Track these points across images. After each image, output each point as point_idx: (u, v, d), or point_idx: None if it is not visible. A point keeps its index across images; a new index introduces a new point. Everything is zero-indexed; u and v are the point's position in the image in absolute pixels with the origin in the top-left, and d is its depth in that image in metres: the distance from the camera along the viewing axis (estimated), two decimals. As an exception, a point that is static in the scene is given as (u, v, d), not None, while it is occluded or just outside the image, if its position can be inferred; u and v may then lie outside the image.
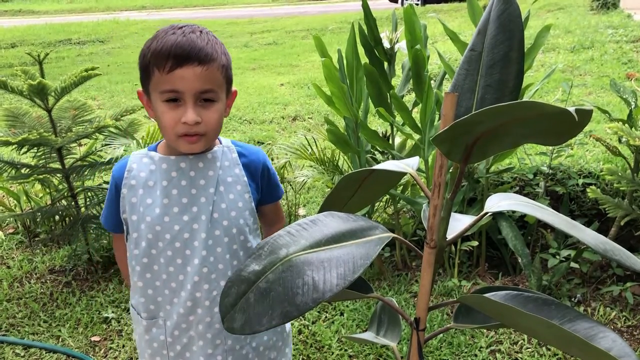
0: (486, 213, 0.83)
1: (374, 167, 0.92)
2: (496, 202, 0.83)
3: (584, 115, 0.57)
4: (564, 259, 2.44)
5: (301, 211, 3.25)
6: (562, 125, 0.62)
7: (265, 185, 1.30)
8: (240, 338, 1.28)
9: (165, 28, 1.14)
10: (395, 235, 0.85)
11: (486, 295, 0.80)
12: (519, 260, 2.43)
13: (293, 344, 2.26)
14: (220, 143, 1.26)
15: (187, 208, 1.19)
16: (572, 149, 3.17)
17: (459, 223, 0.94)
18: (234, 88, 1.22)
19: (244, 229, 1.24)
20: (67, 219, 2.93)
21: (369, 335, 1.20)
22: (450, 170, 0.84)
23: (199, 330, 1.25)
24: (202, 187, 1.20)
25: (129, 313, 2.52)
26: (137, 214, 1.20)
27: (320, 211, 0.94)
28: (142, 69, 1.14)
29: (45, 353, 2.29)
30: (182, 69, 1.07)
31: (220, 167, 1.22)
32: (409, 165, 0.91)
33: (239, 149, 1.27)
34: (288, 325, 1.42)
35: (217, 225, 1.20)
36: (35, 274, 2.88)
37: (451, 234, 0.89)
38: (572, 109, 0.55)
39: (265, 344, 1.32)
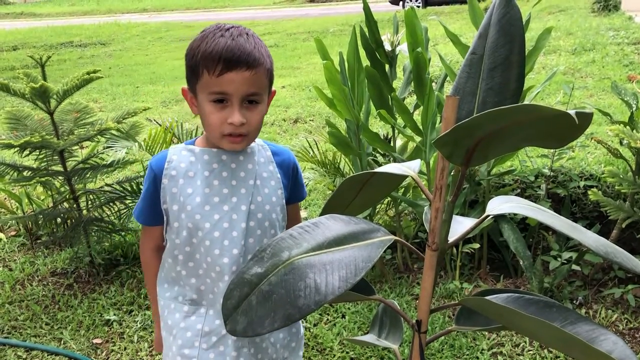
0: (488, 216, 0.84)
1: (376, 170, 0.93)
2: (498, 205, 0.84)
3: (585, 119, 0.57)
4: (565, 262, 2.44)
5: (303, 213, 3.25)
6: (562, 128, 0.62)
7: (292, 184, 1.34)
8: None
9: (211, 29, 1.16)
10: (397, 238, 0.85)
11: (488, 297, 0.80)
12: (521, 263, 2.43)
13: (294, 346, 2.26)
14: (254, 141, 1.29)
15: (228, 198, 1.22)
16: (573, 151, 3.17)
17: (461, 226, 0.94)
18: (273, 88, 1.25)
19: (275, 223, 1.27)
20: (69, 221, 2.94)
21: (370, 338, 1.20)
22: (452, 173, 0.84)
23: None
24: (242, 178, 1.23)
25: (131, 315, 2.52)
26: (178, 203, 1.22)
27: (322, 214, 0.94)
28: (190, 68, 1.16)
29: (47, 355, 2.29)
30: (232, 73, 1.11)
31: (257, 162, 1.26)
32: (411, 168, 0.91)
33: (271, 147, 1.32)
34: (302, 329, 1.43)
35: (253, 217, 1.23)
36: (37, 276, 2.88)
37: (453, 236, 0.89)
38: (572, 112, 0.56)
39: (280, 341, 1.34)
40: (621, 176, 2.29)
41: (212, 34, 1.14)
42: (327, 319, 2.43)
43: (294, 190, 1.35)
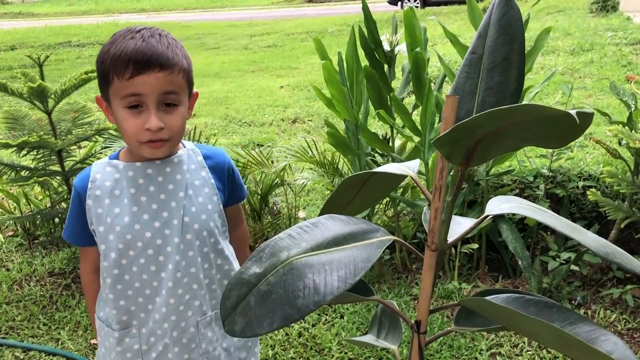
0: (487, 216, 0.83)
1: (375, 170, 0.92)
2: (497, 205, 0.83)
3: (585, 119, 0.57)
4: (564, 262, 2.44)
5: (301, 214, 3.25)
6: (563, 128, 0.62)
7: (230, 187, 1.29)
8: (212, 340, 1.27)
9: (122, 32, 1.12)
10: (396, 238, 0.85)
11: (487, 298, 0.80)
12: (519, 263, 2.43)
13: (293, 347, 2.26)
14: (184, 147, 1.25)
15: (158, 214, 1.17)
16: (572, 151, 3.17)
17: (460, 226, 0.94)
18: (195, 90, 1.20)
19: (214, 232, 1.23)
20: (66, 221, 2.93)
21: (369, 338, 1.20)
22: (451, 173, 0.84)
23: (174, 337, 1.23)
24: (171, 191, 1.19)
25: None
26: (104, 224, 1.17)
27: (321, 214, 0.94)
28: (101, 75, 1.11)
29: (45, 356, 2.28)
30: (144, 75, 1.06)
31: (187, 170, 1.21)
32: (410, 168, 0.91)
33: (203, 151, 1.27)
34: None
35: (189, 229, 1.19)
36: (35, 276, 2.88)
37: (452, 236, 0.89)
38: (573, 112, 0.55)
39: (235, 344, 1.31)
40: (620, 176, 2.29)
41: (121, 37, 1.09)
42: (326, 319, 2.43)
43: (232, 192, 1.30)
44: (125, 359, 1.25)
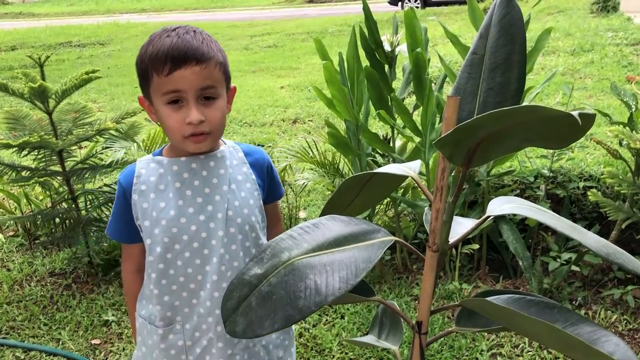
0: (488, 216, 0.83)
1: (376, 171, 0.92)
2: (498, 206, 0.83)
3: (588, 120, 0.57)
4: (564, 262, 2.44)
5: (302, 214, 3.25)
6: (565, 129, 0.62)
7: (269, 184, 1.32)
8: None
9: (158, 32, 1.14)
10: (398, 239, 0.85)
11: (489, 299, 0.80)
12: (520, 263, 2.43)
13: (294, 347, 2.26)
14: (225, 143, 1.27)
15: (203, 207, 1.19)
16: (572, 152, 3.17)
17: (461, 226, 0.94)
18: (232, 84, 1.22)
19: (255, 226, 1.25)
20: (67, 221, 2.93)
21: (370, 339, 1.20)
22: (452, 174, 0.84)
23: (218, 332, 1.24)
24: (215, 185, 1.21)
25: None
26: (150, 219, 1.19)
27: (322, 214, 0.94)
28: (141, 74, 1.15)
29: (46, 356, 2.28)
30: (181, 70, 1.09)
31: (230, 165, 1.24)
32: (411, 168, 0.91)
33: (243, 148, 1.29)
34: (292, 326, 1.42)
35: (232, 222, 1.21)
36: (36, 276, 2.88)
37: (453, 237, 0.89)
38: (575, 113, 0.55)
39: (274, 342, 1.32)
40: (620, 177, 2.29)
41: (158, 37, 1.12)
42: (326, 320, 2.43)
43: (270, 189, 1.32)
44: (169, 355, 1.25)
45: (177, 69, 1.08)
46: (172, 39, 1.10)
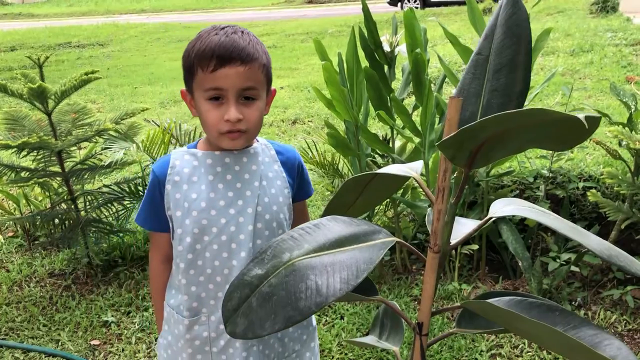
0: (490, 218, 0.83)
1: (378, 171, 0.92)
2: (500, 207, 0.83)
3: (593, 123, 0.56)
4: (564, 263, 2.44)
5: (301, 214, 3.24)
6: (569, 131, 0.62)
7: (299, 182, 1.34)
8: None
9: (207, 29, 1.17)
10: (399, 240, 0.85)
11: (490, 301, 0.79)
12: (520, 264, 2.43)
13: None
14: (257, 141, 1.29)
15: (234, 201, 1.21)
16: (572, 152, 3.17)
17: (463, 227, 0.94)
18: (273, 87, 1.25)
19: (282, 223, 1.27)
20: (66, 222, 2.92)
21: (371, 339, 1.20)
22: (454, 175, 0.83)
23: None
24: (246, 181, 1.23)
25: (129, 316, 2.51)
26: (182, 209, 1.21)
27: (323, 215, 0.94)
28: (186, 68, 1.17)
29: (45, 357, 2.28)
30: (225, 69, 1.11)
31: (262, 162, 1.26)
32: (413, 169, 0.91)
33: (275, 146, 1.32)
34: (314, 320, 1.43)
35: (260, 218, 1.23)
36: (35, 277, 2.87)
37: (455, 238, 0.88)
38: (581, 116, 0.55)
39: (290, 335, 1.34)
40: (620, 177, 2.29)
41: (206, 34, 1.15)
42: (326, 320, 2.42)
43: (300, 188, 1.35)
44: (193, 346, 1.27)
45: (222, 67, 1.11)
46: (220, 37, 1.12)
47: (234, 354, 1.26)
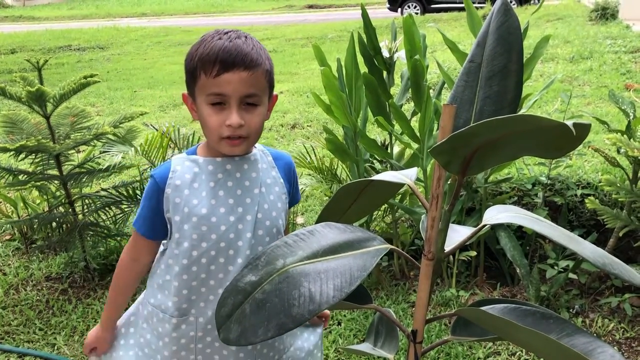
0: (484, 225, 0.83)
1: (373, 178, 0.92)
2: (495, 214, 0.83)
3: (582, 129, 0.56)
4: (562, 270, 2.44)
5: (299, 219, 3.24)
6: (560, 138, 0.62)
7: (293, 188, 1.35)
8: None
9: (211, 33, 1.17)
10: (393, 247, 0.85)
11: (484, 308, 0.79)
12: (518, 271, 2.42)
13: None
14: (255, 147, 1.30)
15: (234, 208, 1.22)
16: (570, 159, 3.17)
17: (457, 234, 0.93)
18: (275, 93, 1.25)
19: (281, 229, 1.28)
20: (64, 226, 2.92)
21: (366, 347, 1.19)
22: (449, 182, 0.83)
23: None
24: (247, 188, 1.23)
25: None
26: (181, 214, 1.21)
27: (318, 221, 0.94)
28: (189, 72, 1.17)
29: (40, 361, 2.27)
30: (229, 74, 1.11)
31: (261, 169, 1.26)
32: (407, 176, 0.90)
33: (272, 152, 1.32)
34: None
35: (261, 225, 1.23)
36: (32, 281, 2.86)
37: (449, 245, 0.88)
38: (570, 123, 0.55)
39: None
40: (618, 185, 2.29)
41: (210, 38, 1.15)
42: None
43: (293, 194, 1.36)
44: (179, 343, 1.28)
45: (225, 72, 1.11)
46: (224, 42, 1.12)
47: (221, 347, 1.27)
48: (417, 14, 14.98)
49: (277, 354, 1.33)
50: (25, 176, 2.66)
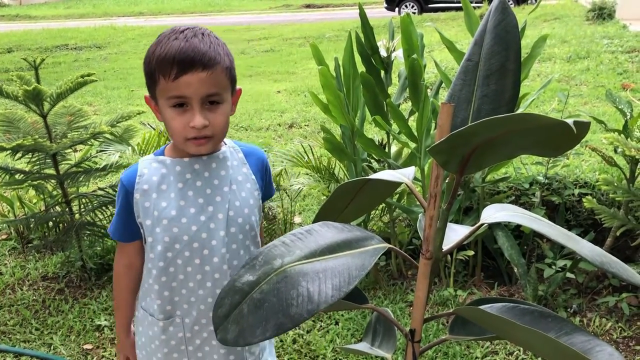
0: (482, 224, 0.83)
1: (370, 177, 0.92)
2: (492, 213, 0.83)
3: (582, 128, 0.56)
4: (560, 269, 2.44)
5: (297, 219, 3.24)
6: (559, 137, 0.62)
7: (266, 183, 1.33)
8: None
9: (167, 32, 1.14)
10: (391, 246, 0.84)
11: (482, 307, 0.79)
12: (515, 270, 2.43)
13: (287, 353, 2.25)
14: (225, 144, 1.28)
15: (204, 208, 1.21)
16: (568, 158, 3.18)
17: (455, 234, 0.93)
18: (238, 86, 1.23)
19: (254, 225, 1.27)
20: (60, 225, 2.91)
21: (363, 346, 1.19)
22: (447, 181, 0.83)
23: None
24: (216, 186, 1.22)
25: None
26: (151, 218, 1.20)
27: (315, 220, 0.93)
28: (148, 75, 1.15)
29: (37, 361, 2.26)
30: (187, 76, 1.09)
31: (230, 166, 1.25)
32: (405, 175, 0.90)
33: (243, 148, 1.31)
34: None
35: (233, 222, 1.23)
36: (28, 280, 2.85)
37: (447, 244, 0.88)
38: (570, 122, 0.55)
39: None
40: (615, 184, 2.29)
41: (166, 38, 1.12)
42: (320, 326, 2.41)
43: (266, 189, 1.34)
44: (169, 345, 1.28)
45: (184, 75, 1.08)
46: (180, 42, 1.09)
47: (211, 352, 1.28)
48: (414, 13, 14.98)
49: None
50: (22, 175, 2.65)
